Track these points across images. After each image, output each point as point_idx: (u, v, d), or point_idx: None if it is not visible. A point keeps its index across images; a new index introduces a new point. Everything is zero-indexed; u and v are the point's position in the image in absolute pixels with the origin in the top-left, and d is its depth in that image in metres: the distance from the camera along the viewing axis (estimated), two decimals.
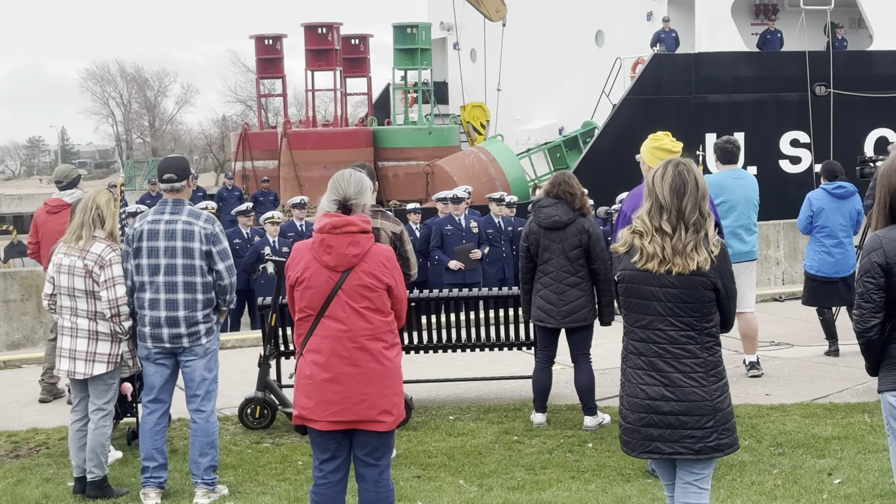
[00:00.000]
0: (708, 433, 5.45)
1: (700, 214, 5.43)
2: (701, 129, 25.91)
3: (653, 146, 8.23)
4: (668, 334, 5.46)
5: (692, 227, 5.40)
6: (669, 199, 5.44)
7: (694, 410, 5.43)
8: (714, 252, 5.44)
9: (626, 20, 29.12)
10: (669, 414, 5.46)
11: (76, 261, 7.85)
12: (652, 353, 5.50)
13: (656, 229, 5.45)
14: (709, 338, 5.49)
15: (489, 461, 8.56)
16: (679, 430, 5.45)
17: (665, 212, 5.44)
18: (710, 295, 5.44)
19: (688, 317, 5.43)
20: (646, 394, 5.51)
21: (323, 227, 6.01)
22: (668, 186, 5.45)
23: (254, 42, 32.51)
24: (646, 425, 5.52)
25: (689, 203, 5.42)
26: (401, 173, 28.61)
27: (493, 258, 16.53)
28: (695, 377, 5.44)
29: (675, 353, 5.45)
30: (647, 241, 5.45)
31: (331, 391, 5.98)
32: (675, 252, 5.39)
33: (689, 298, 5.41)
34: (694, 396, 5.43)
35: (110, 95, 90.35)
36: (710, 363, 5.48)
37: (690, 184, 5.45)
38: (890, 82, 26.84)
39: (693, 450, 5.47)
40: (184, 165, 8.00)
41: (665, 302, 5.44)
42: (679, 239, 5.40)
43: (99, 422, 7.95)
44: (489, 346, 10.75)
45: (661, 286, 5.43)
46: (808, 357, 12.03)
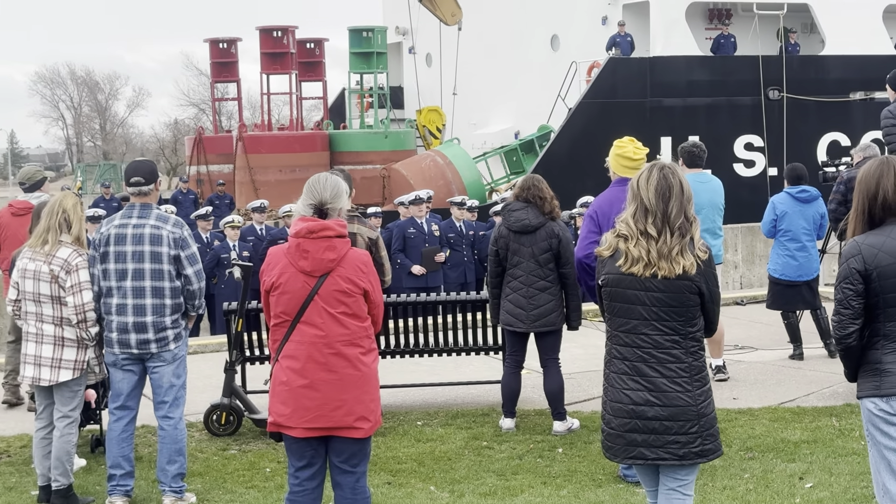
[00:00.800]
0: (692, 438, 5.41)
1: (685, 218, 5.40)
2: (656, 133, 26.05)
3: (615, 153, 8.24)
4: (652, 339, 5.42)
5: (678, 231, 5.37)
6: (655, 202, 5.40)
7: (678, 416, 5.39)
8: (701, 257, 5.42)
9: (582, 24, 29.22)
10: (654, 419, 5.42)
11: (42, 265, 7.71)
12: (636, 357, 5.46)
13: (641, 232, 5.41)
14: (693, 342, 5.46)
15: (459, 467, 8.51)
16: (663, 436, 5.42)
17: (650, 215, 5.40)
18: (695, 299, 5.41)
19: (672, 321, 5.40)
20: (630, 399, 5.46)
21: (299, 231, 5.94)
22: (654, 190, 5.41)
23: (208, 45, 32.29)
24: (630, 431, 5.47)
25: (674, 207, 5.38)
26: (357, 177, 28.23)
27: (455, 262, 16.50)
28: (680, 382, 5.40)
29: (659, 357, 5.42)
30: (633, 245, 5.41)
31: (307, 397, 5.91)
32: (661, 256, 5.36)
33: (674, 302, 5.38)
34: (679, 402, 5.40)
35: (60, 98, 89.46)
36: (695, 368, 5.44)
37: (676, 187, 5.42)
38: (842, 87, 27.16)
39: (677, 455, 5.43)
40: (151, 169, 7.89)
41: (650, 306, 5.40)
42: (664, 242, 5.36)
43: (64, 429, 7.81)
44: (456, 350, 10.71)
45: (645, 290, 5.39)
46: (773, 361, 12.08)
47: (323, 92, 33.06)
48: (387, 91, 31.04)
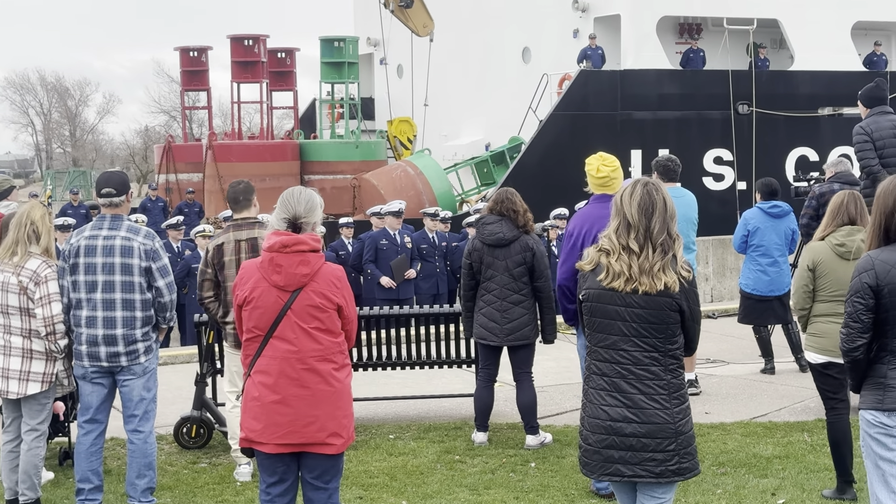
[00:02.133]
0: (669, 456, 5.39)
1: (668, 235, 5.40)
2: (626, 146, 26.12)
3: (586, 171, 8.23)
4: (631, 355, 5.40)
5: (660, 248, 5.36)
6: (637, 217, 5.39)
7: (656, 433, 5.37)
8: (684, 275, 5.41)
9: (553, 37, 29.27)
10: (631, 436, 5.39)
11: (10, 277, 7.61)
12: (615, 373, 5.43)
13: (623, 248, 5.40)
14: (672, 360, 5.44)
15: (432, 481, 8.47)
16: (640, 453, 5.39)
17: (633, 230, 5.39)
18: (675, 317, 5.39)
19: (652, 338, 5.38)
20: (608, 415, 5.43)
21: (272, 245, 5.89)
22: (637, 205, 5.40)
23: (178, 53, 32.13)
24: (607, 447, 5.44)
25: (657, 223, 5.38)
26: (327, 187, 28.37)
27: (427, 273, 16.45)
28: (658, 399, 5.38)
29: (638, 374, 5.39)
30: (614, 260, 5.40)
31: (279, 413, 5.86)
32: (642, 271, 5.35)
33: (654, 319, 5.36)
34: (656, 419, 5.37)
35: (30, 104, 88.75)
36: (674, 385, 5.42)
37: (659, 203, 5.41)
38: (810, 102, 27.33)
39: (654, 473, 5.40)
40: (123, 180, 7.82)
41: (630, 322, 5.38)
42: (646, 258, 5.35)
43: (32, 442, 7.72)
44: (429, 363, 10.67)
45: (626, 306, 5.37)
46: (745, 375, 12.11)
47: (294, 101, 32.96)
48: (358, 101, 30.96)
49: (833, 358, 7.63)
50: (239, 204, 8.62)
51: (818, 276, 7.70)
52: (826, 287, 7.68)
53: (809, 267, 7.73)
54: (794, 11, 27.71)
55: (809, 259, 7.76)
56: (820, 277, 7.69)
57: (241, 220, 8.59)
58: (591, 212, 8.03)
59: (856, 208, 7.77)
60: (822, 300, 7.73)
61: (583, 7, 28.13)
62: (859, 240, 7.59)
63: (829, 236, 7.74)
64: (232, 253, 8.40)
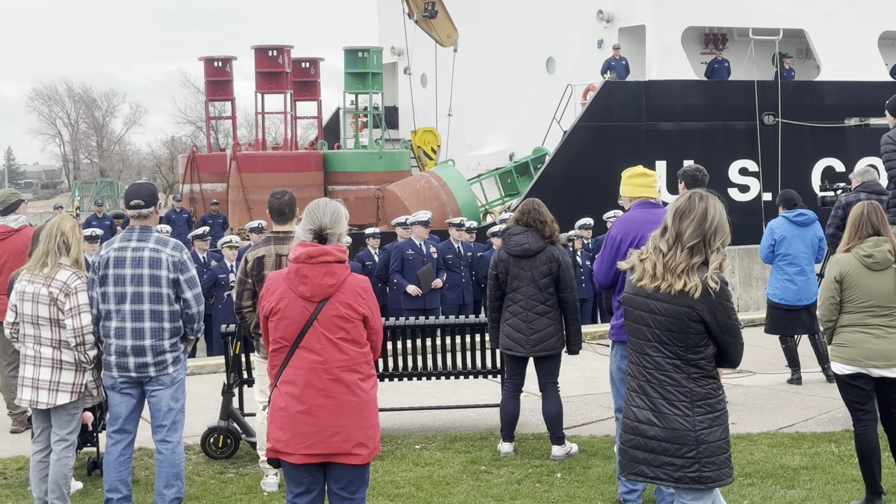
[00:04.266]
0: (689, 463, 5.44)
1: (704, 243, 5.46)
2: (651, 157, 26.06)
3: (627, 178, 8.22)
4: (654, 360, 5.51)
5: (688, 250, 5.44)
6: (672, 220, 5.54)
7: (675, 439, 5.45)
8: (710, 285, 5.41)
9: (577, 47, 29.28)
10: (653, 439, 5.50)
11: (41, 288, 7.67)
12: (642, 376, 5.57)
13: (654, 248, 5.54)
14: (695, 369, 5.46)
15: (457, 492, 8.47)
16: (661, 456, 5.49)
17: (666, 233, 5.54)
18: (697, 327, 5.41)
19: (673, 345, 5.45)
20: (635, 416, 5.58)
21: (298, 256, 5.91)
22: (674, 209, 5.57)
23: (203, 64, 32.30)
24: (633, 447, 5.59)
25: (690, 227, 5.47)
26: (351, 197, 28.46)
27: (453, 283, 16.45)
28: (678, 406, 5.45)
29: (660, 379, 5.50)
30: (646, 260, 5.55)
31: (305, 423, 5.87)
32: (666, 269, 5.46)
33: (674, 327, 5.43)
34: (675, 425, 5.45)
35: (58, 115, 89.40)
36: (697, 394, 5.45)
37: (697, 210, 5.50)
38: (837, 112, 27.23)
39: (673, 478, 5.47)
40: (152, 192, 7.86)
41: (653, 328, 5.49)
42: (672, 258, 5.45)
43: (62, 452, 7.77)
44: (455, 373, 10.68)
45: (650, 312, 5.48)
46: (772, 385, 12.07)
47: (318, 111, 33.07)
48: (381, 111, 31.05)
49: (860, 369, 7.60)
50: (284, 216, 8.45)
51: (846, 288, 7.67)
52: (854, 298, 7.64)
53: (836, 279, 7.70)
54: (821, 21, 27.63)
55: (836, 271, 7.73)
56: (847, 289, 7.66)
57: (282, 233, 8.44)
58: (634, 217, 7.98)
59: (878, 218, 7.74)
60: (849, 311, 7.69)
61: (608, 17, 28.13)
62: (886, 250, 7.56)
63: (856, 247, 7.71)
64: (272, 267, 8.25)
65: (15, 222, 10.55)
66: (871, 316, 7.56)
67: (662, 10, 27.06)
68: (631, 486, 7.82)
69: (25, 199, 11.18)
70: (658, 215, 7.93)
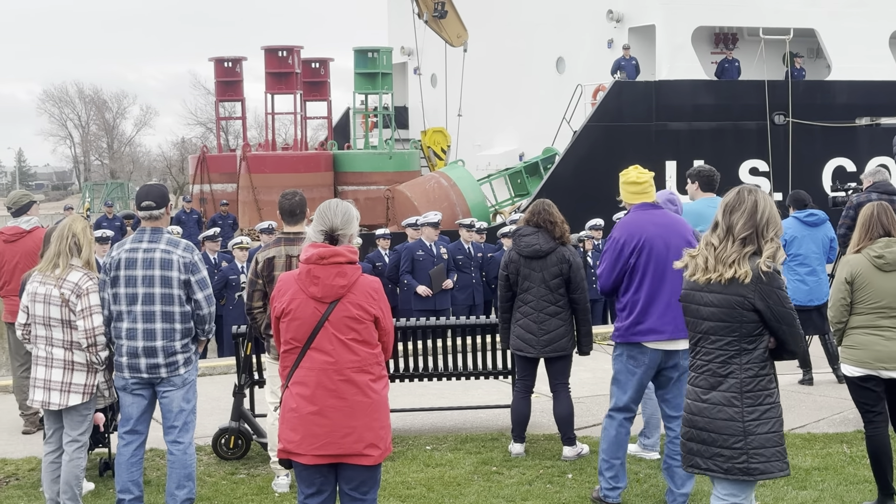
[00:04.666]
0: (737, 454, 5.53)
1: (756, 234, 5.55)
2: (661, 157, 26.08)
3: (623, 183, 8.20)
4: (711, 352, 5.63)
5: (740, 242, 5.54)
6: (722, 216, 5.64)
7: (724, 430, 5.55)
8: (762, 268, 5.49)
9: (587, 47, 29.28)
10: (703, 430, 5.62)
11: (52, 289, 7.69)
12: (698, 369, 5.70)
13: (706, 244, 5.65)
14: (750, 359, 5.56)
15: (469, 492, 8.47)
16: (711, 447, 5.60)
17: (717, 228, 5.64)
18: (750, 316, 5.50)
19: (728, 337, 5.55)
20: (689, 408, 5.73)
21: (310, 257, 5.92)
22: (724, 205, 5.67)
23: (213, 64, 32.35)
24: (688, 439, 5.73)
25: (741, 220, 5.57)
26: (361, 198, 28.51)
27: (463, 284, 16.45)
28: (729, 397, 5.56)
29: (715, 370, 5.61)
30: (697, 255, 5.68)
31: (316, 424, 5.87)
32: (717, 261, 5.56)
33: (727, 318, 5.53)
34: (724, 415, 5.55)
35: (68, 117, 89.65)
36: (748, 385, 5.54)
37: (747, 203, 5.60)
38: (847, 112, 27.18)
39: (722, 469, 5.58)
40: (163, 193, 7.88)
41: (707, 321, 5.60)
42: (723, 249, 5.56)
43: (74, 453, 7.78)
44: (465, 374, 10.68)
45: (704, 305, 5.60)
46: (783, 386, 11.84)
47: (327, 112, 33.11)
48: (391, 111, 31.06)
49: (870, 371, 7.58)
50: (295, 217, 8.43)
51: (856, 289, 7.65)
52: (865, 300, 7.62)
53: (847, 280, 7.68)
54: (832, 21, 27.59)
55: (847, 272, 7.71)
56: (858, 290, 7.64)
57: (292, 234, 8.43)
58: (635, 219, 7.97)
59: (888, 219, 7.72)
60: (860, 312, 7.67)
61: (617, 17, 28.12)
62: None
63: (866, 248, 7.68)
64: (283, 268, 8.25)
65: (27, 224, 10.59)
66: (882, 317, 7.54)
67: (672, 10, 27.04)
68: (614, 483, 7.89)
69: (37, 200, 11.21)
70: (659, 216, 7.94)
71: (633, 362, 7.86)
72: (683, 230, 7.90)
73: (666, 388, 7.95)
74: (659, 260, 7.73)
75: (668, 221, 7.92)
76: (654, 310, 7.74)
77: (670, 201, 9.40)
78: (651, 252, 7.75)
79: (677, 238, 7.78)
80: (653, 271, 7.75)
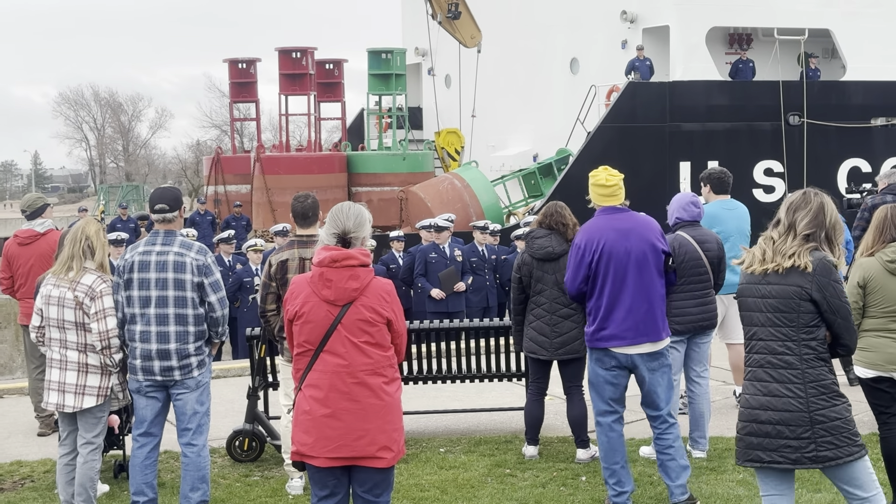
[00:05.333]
0: (805, 444, 5.60)
1: (820, 234, 5.65)
2: (675, 158, 26.06)
3: (591, 184, 8.16)
4: (768, 345, 5.70)
5: (802, 237, 5.63)
6: (784, 213, 5.74)
7: (790, 421, 5.61)
8: (822, 262, 5.58)
9: (601, 48, 29.25)
10: (767, 423, 5.67)
11: (66, 292, 7.72)
12: (756, 363, 5.77)
13: (765, 238, 5.76)
14: (809, 350, 5.63)
15: (482, 495, 8.47)
16: (776, 440, 5.65)
17: (779, 224, 5.74)
18: (807, 306, 5.58)
19: (785, 327, 5.63)
20: (749, 403, 5.76)
21: (322, 260, 5.92)
22: (788, 204, 5.78)
23: (227, 66, 32.40)
24: (748, 434, 5.75)
25: (805, 218, 5.67)
26: (374, 199, 28.54)
27: (477, 286, 16.44)
28: (791, 388, 5.61)
29: (773, 363, 5.67)
30: (757, 249, 5.78)
31: (330, 427, 5.87)
32: (776, 252, 5.65)
33: (785, 308, 5.61)
34: (790, 407, 5.61)
35: (84, 120, 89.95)
36: (810, 376, 5.61)
37: (813, 203, 5.71)
38: (863, 112, 27.10)
39: (790, 459, 5.64)
40: (176, 196, 7.90)
41: (765, 312, 5.67)
42: (783, 242, 5.65)
43: (88, 455, 7.81)
44: (479, 377, 10.68)
45: (761, 297, 5.67)
46: None
47: (342, 113, 33.13)
48: (405, 112, 31.08)
49: (882, 373, 7.56)
50: (308, 220, 8.45)
51: (869, 293, 7.61)
52: (877, 303, 7.59)
53: (860, 283, 7.65)
54: (846, 21, 27.52)
55: (860, 275, 7.67)
56: (871, 293, 7.60)
57: (305, 236, 8.44)
58: (597, 224, 7.95)
59: None
60: (872, 315, 7.63)
61: (631, 18, 28.09)
62: None
63: (880, 252, 7.64)
64: (296, 270, 8.26)
65: (41, 226, 10.63)
66: (894, 321, 7.51)
67: (686, 11, 26.98)
68: (619, 489, 7.89)
69: (51, 203, 11.26)
70: (622, 220, 7.91)
71: (602, 366, 7.91)
72: (647, 233, 7.88)
73: (642, 389, 8.03)
74: (619, 265, 7.75)
75: (631, 225, 7.89)
76: (615, 315, 7.78)
77: (693, 203, 9.40)
78: (611, 257, 7.76)
79: (639, 242, 7.80)
80: (613, 277, 7.76)
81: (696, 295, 9.14)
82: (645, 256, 7.80)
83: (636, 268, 7.77)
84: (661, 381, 7.96)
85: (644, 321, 7.79)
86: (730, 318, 10.77)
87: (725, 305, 10.62)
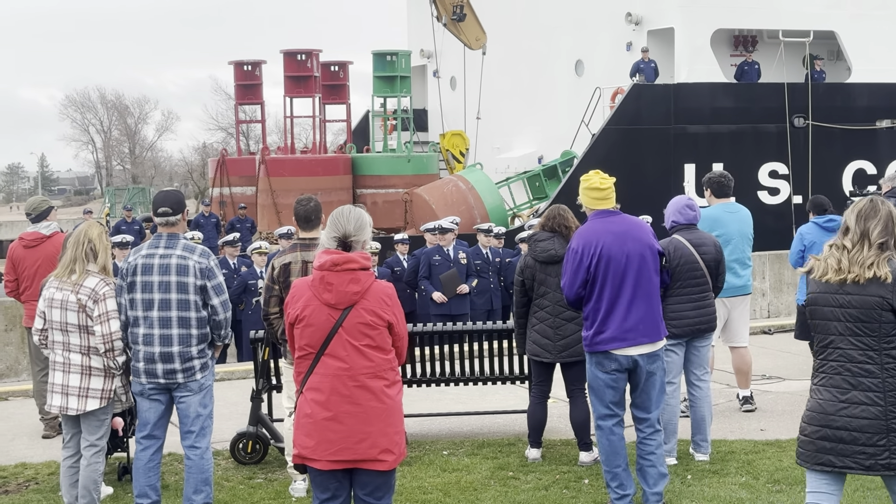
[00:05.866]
0: (880, 451, 5.64)
1: (893, 241, 5.70)
2: (680, 160, 26.03)
3: (584, 188, 8.15)
4: (847, 353, 5.72)
5: (878, 247, 5.67)
6: (854, 222, 5.77)
7: (866, 428, 5.64)
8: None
9: (606, 50, 29.22)
10: (842, 429, 5.69)
11: (69, 295, 7.73)
12: (832, 370, 5.77)
13: (837, 247, 5.77)
14: (889, 359, 5.66)
15: (485, 498, 8.48)
16: (851, 446, 5.68)
17: (849, 233, 5.76)
18: (888, 316, 5.63)
19: (866, 336, 5.66)
20: (822, 408, 5.77)
21: (323, 264, 5.94)
22: (857, 213, 5.80)
23: (233, 68, 32.42)
24: (820, 438, 5.76)
25: (877, 227, 5.72)
26: (379, 201, 28.54)
27: (481, 289, 16.41)
28: (871, 396, 5.65)
29: (853, 371, 5.70)
30: (828, 257, 5.78)
31: (331, 430, 5.89)
32: (853, 263, 5.67)
33: (866, 318, 5.64)
34: (867, 414, 5.64)
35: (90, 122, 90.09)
36: (890, 385, 5.64)
37: (882, 212, 5.76)
38: (868, 114, 27.05)
39: (863, 466, 5.68)
40: (179, 199, 7.92)
41: (844, 322, 5.69)
42: (859, 252, 5.68)
43: (91, 458, 7.83)
44: (482, 379, 10.68)
45: (839, 306, 5.69)
46: (801, 391, 11.97)
47: (346, 115, 33.12)
48: (410, 114, 31.07)
49: None
50: (310, 223, 8.47)
51: None
52: None
53: None
54: (852, 23, 27.47)
55: None
56: None
57: (308, 239, 8.45)
58: (593, 227, 7.95)
59: None
60: None
61: (636, 20, 28.07)
62: None
63: None
64: (299, 273, 8.27)
65: (46, 229, 10.65)
66: None
67: (691, 13, 26.96)
68: (621, 492, 7.89)
69: (55, 205, 11.27)
70: (616, 223, 7.91)
71: (602, 369, 7.91)
72: (642, 235, 7.92)
73: (635, 391, 8.03)
74: (617, 268, 7.77)
75: (626, 228, 7.92)
76: (614, 318, 7.78)
77: (689, 207, 9.41)
78: (609, 261, 7.77)
79: (636, 244, 7.83)
80: (611, 280, 7.77)
81: (692, 298, 9.14)
82: (642, 258, 7.82)
83: (634, 270, 7.78)
84: (655, 383, 7.99)
85: (644, 321, 7.81)
86: (732, 321, 10.77)
87: (727, 308, 10.62)
